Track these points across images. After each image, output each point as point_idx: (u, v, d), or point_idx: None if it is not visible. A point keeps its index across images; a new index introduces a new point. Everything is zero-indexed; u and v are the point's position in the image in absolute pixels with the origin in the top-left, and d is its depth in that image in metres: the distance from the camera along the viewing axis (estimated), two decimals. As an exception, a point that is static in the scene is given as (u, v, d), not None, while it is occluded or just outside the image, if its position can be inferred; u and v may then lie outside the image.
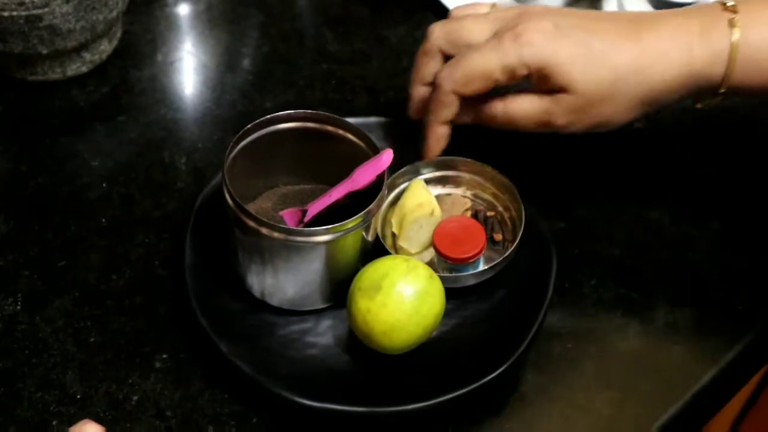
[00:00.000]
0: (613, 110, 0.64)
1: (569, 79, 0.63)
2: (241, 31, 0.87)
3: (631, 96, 0.64)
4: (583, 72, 0.63)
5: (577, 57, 0.63)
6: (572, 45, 0.63)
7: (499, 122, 0.66)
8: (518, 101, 0.65)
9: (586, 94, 0.63)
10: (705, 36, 0.63)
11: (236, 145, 0.64)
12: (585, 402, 0.64)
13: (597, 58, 0.63)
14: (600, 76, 0.63)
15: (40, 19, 0.73)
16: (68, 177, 0.74)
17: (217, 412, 0.62)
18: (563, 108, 0.64)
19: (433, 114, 0.67)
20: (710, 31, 0.63)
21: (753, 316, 0.68)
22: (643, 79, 0.63)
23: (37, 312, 0.66)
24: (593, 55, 0.63)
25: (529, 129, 0.66)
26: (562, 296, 0.68)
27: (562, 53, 0.63)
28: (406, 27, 0.87)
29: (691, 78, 0.63)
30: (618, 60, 0.63)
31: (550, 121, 0.65)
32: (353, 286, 0.62)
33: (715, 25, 0.63)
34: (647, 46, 0.63)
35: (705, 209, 0.74)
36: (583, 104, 0.64)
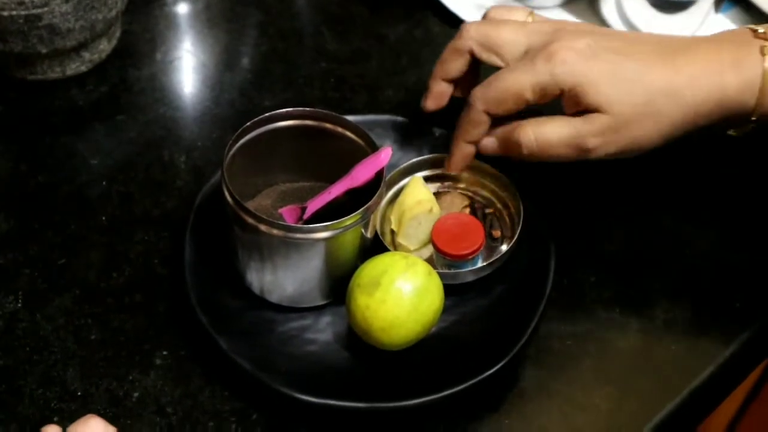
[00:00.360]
0: (644, 132, 0.64)
1: (602, 98, 0.63)
2: (240, 30, 0.87)
3: (663, 118, 0.63)
4: (616, 92, 0.63)
5: (611, 77, 0.63)
6: (605, 65, 0.63)
7: (531, 150, 0.65)
8: (548, 125, 0.64)
9: (618, 114, 0.63)
10: (737, 63, 0.62)
11: (235, 143, 0.64)
12: (584, 398, 0.64)
13: (630, 79, 0.63)
14: (633, 96, 0.63)
15: (40, 19, 0.73)
16: (68, 176, 0.74)
17: (217, 408, 0.62)
18: (595, 128, 0.63)
19: (464, 132, 0.67)
20: (742, 60, 0.62)
21: (750, 314, 0.68)
22: (676, 102, 0.63)
23: (37, 310, 0.66)
24: (626, 76, 0.63)
25: (560, 155, 0.65)
26: (561, 293, 0.68)
27: (595, 73, 0.63)
28: (405, 26, 0.87)
29: (723, 104, 0.63)
30: (651, 81, 0.63)
31: (580, 144, 0.64)
32: (352, 283, 0.62)
33: (746, 53, 0.62)
34: (680, 69, 0.63)
35: (704, 207, 0.74)
36: (615, 125, 0.63)
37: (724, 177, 0.76)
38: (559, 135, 0.64)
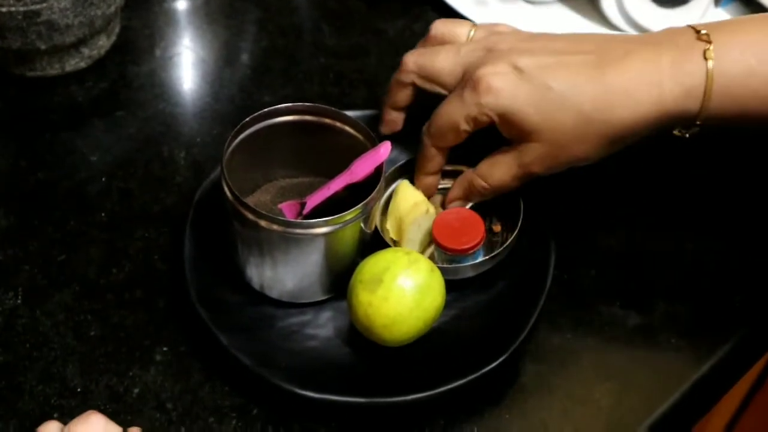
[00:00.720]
0: (583, 151, 0.63)
1: (531, 127, 0.62)
2: (239, 26, 0.87)
3: (598, 136, 0.62)
4: (544, 118, 0.61)
5: (538, 102, 0.61)
6: (531, 90, 0.61)
7: (490, 192, 0.66)
8: (495, 169, 0.65)
9: (550, 141, 0.62)
10: (677, 69, 0.60)
11: (235, 138, 0.64)
12: (584, 393, 0.64)
13: (557, 102, 0.61)
14: (562, 119, 0.61)
15: (38, 15, 0.73)
16: (67, 172, 0.74)
17: (217, 404, 0.62)
18: (534, 157, 0.63)
19: (421, 167, 0.68)
20: (683, 65, 0.60)
21: (750, 309, 0.68)
22: (609, 118, 0.61)
23: (37, 306, 0.66)
24: (553, 99, 0.61)
25: (517, 186, 0.66)
26: (561, 287, 0.68)
27: (521, 101, 0.62)
28: (404, 21, 0.87)
29: (663, 115, 0.61)
30: (581, 102, 0.61)
31: (529, 173, 0.64)
32: (354, 279, 0.62)
33: (688, 58, 0.60)
34: (611, 84, 0.61)
35: (704, 201, 0.74)
36: (551, 150, 0.63)
37: (724, 172, 0.76)
38: (506, 174, 0.65)
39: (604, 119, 0.61)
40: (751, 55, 0.60)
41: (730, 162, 0.77)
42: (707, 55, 0.60)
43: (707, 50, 0.60)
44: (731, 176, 0.76)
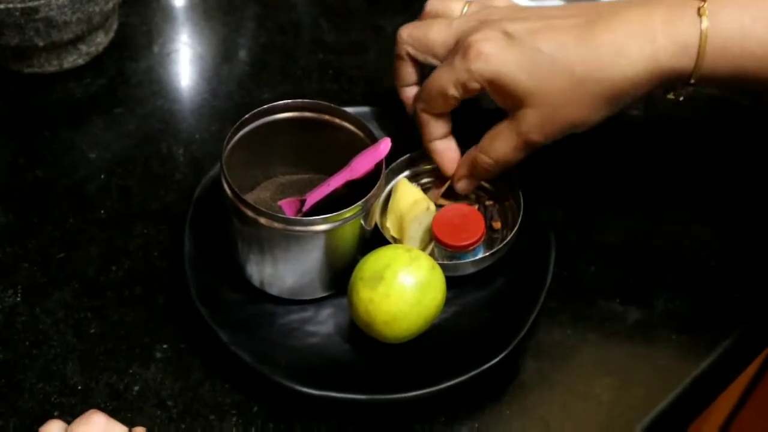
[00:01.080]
0: (578, 113, 0.62)
1: (523, 91, 0.62)
2: (237, 22, 0.87)
3: (592, 96, 0.61)
4: (536, 82, 0.61)
5: (529, 66, 0.61)
6: (522, 53, 0.61)
7: (496, 168, 0.66)
8: (495, 142, 0.65)
9: (544, 105, 0.62)
10: (670, 27, 0.59)
11: (234, 135, 0.64)
12: (584, 388, 0.64)
13: (548, 64, 0.61)
14: (554, 83, 0.61)
15: (36, 12, 0.73)
16: (66, 170, 0.74)
17: (218, 401, 0.62)
18: (531, 124, 0.63)
19: (423, 135, 0.68)
20: (676, 22, 0.59)
21: (750, 303, 0.68)
22: (603, 78, 0.60)
23: (37, 304, 0.66)
24: (544, 62, 0.61)
25: (520, 158, 0.65)
26: (561, 283, 0.68)
27: (512, 64, 0.61)
28: (403, 17, 0.86)
29: (657, 71, 0.60)
30: (571, 63, 0.60)
31: (528, 141, 0.64)
32: (354, 276, 0.62)
33: (681, 15, 0.60)
34: (602, 44, 0.60)
35: (702, 196, 0.74)
36: (547, 114, 0.62)
37: (722, 166, 0.76)
38: (506, 146, 0.64)
39: (596, 79, 0.61)
40: (745, 13, 0.59)
41: (729, 158, 0.77)
42: (701, 11, 0.59)
43: (701, 7, 0.59)
44: (730, 172, 0.76)
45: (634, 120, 0.79)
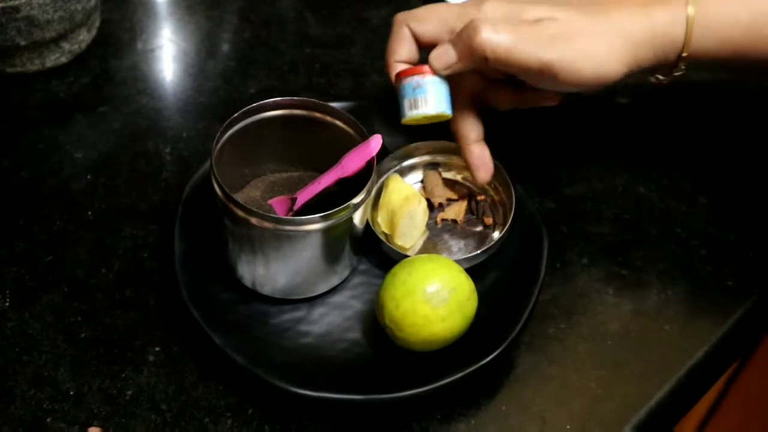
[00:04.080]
0: (596, 46, 0.62)
1: (548, 10, 0.63)
2: (221, 16, 0.86)
3: (611, 37, 0.63)
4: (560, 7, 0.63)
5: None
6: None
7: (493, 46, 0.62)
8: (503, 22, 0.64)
9: (568, 21, 0.62)
10: (662, 3, 0.64)
11: (223, 134, 0.63)
12: (579, 382, 0.64)
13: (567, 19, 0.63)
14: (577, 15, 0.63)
15: (17, 11, 0.72)
16: (52, 170, 0.73)
17: (212, 404, 0.61)
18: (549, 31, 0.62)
19: (390, 52, 0.67)
20: (668, 1, 0.64)
21: (743, 292, 0.69)
22: (616, 29, 0.63)
23: (25, 308, 0.65)
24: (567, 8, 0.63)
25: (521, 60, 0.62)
26: (554, 276, 0.68)
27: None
28: (388, 8, 0.86)
29: (656, 39, 0.63)
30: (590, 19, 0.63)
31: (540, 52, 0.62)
32: (415, 282, 0.60)
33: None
34: (610, 17, 0.63)
35: (692, 184, 0.74)
36: (568, 30, 0.62)
37: (712, 154, 0.76)
38: (514, 27, 0.62)
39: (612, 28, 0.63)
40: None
41: (719, 146, 0.77)
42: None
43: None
44: (720, 161, 0.76)
45: (622, 109, 0.79)
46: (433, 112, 0.64)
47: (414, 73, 0.64)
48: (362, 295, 0.66)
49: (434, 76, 0.64)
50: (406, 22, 0.66)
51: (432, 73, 0.64)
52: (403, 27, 0.66)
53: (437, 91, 0.64)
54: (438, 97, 0.64)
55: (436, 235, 0.69)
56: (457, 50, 0.63)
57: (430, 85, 0.63)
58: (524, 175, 0.70)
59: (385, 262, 0.66)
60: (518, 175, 0.69)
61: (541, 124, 0.72)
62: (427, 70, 0.64)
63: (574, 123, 0.76)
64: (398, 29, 0.66)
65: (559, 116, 0.70)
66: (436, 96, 0.64)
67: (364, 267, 0.67)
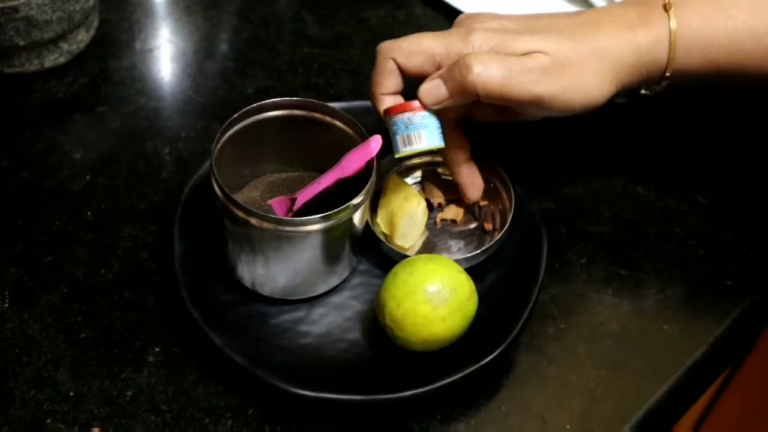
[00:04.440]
0: (585, 75, 0.63)
1: (536, 42, 0.63)
2: (219, 16, 0.86)
3: (598, 64, 0.64)
4: (547, 40, 0.63)
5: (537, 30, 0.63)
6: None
7: (484, 80, 0.62)
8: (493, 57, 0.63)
9: (557, 55, 0.63)
10: (644, 21, 0.65)
11: (223, 134, 0.63)
12: (579, 382, 0.64)
13: (557, 41, 0.64)
14: (564, 45, 0.63)
15: (16, 11, 0.72)
16: (51, 170, 0.73)
17: (212, 404, 0.61)
18: (538, 63, 0.62)
19: (375, 85, 0.66)
20: (648, 17, 0.65)
21: (741, 291, 0.69)
22: (603, 56, 0.64)
23: (25, 309, 0.65)
24: (554, 37, 0.64)
25: (513, 93, 0.62)
26: (553, 276, 0.68)
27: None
28: (387, 8, 0.86)
29: (641, 60, 0.65)
30: (578, 47, 0.64)
31: (530, 82, 0.62)
32: (416, 282, 0.60)
33: (651, 11, 0.65)
34: (594, 38, 0.64)
35: (690, 184, 0.75)
36: (557, 63, 0.63)
37: (709, 154, 0.77)
38: (505, 64, 0.62)
39: (601, 55, 0.64)
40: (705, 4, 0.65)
41: (713, 142, 0.77)
42: (667, 7, 0.65)
43: (667, 4, 0.65)
44: (716, 156, 0.76)
45: (619, 109, 0.79)
46: (427, 147, 0.63)
47: (405, 109, 0.63)
48: (362, 296, 0.66)
49: (424, 111, 0.63)
50: (391, 55, 0.65)
51: (422, 108, 0.63)
52: (388, 60, 0.65)
53: (429, 126, 0.63)
54: (431, 131, 0.63)
55: (436, 235, 0.69)
56: (448, 87, 0.63)
57: (422, 120, 0.63)
58: (523, 176, 0.70)
59: (385, 262, 0.66)
60: (517, 175, 0.69)
61: (539, 125, 0.72)
62: (417, 106, 0.63)
63: (573, 123, 0.76)
64: (383, 62, 0.65)
65: (558, 117, 0.70)
66: (429, 131, 0.63)
67: (363, 267, 0.68)
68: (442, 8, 0.85)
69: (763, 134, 0.78)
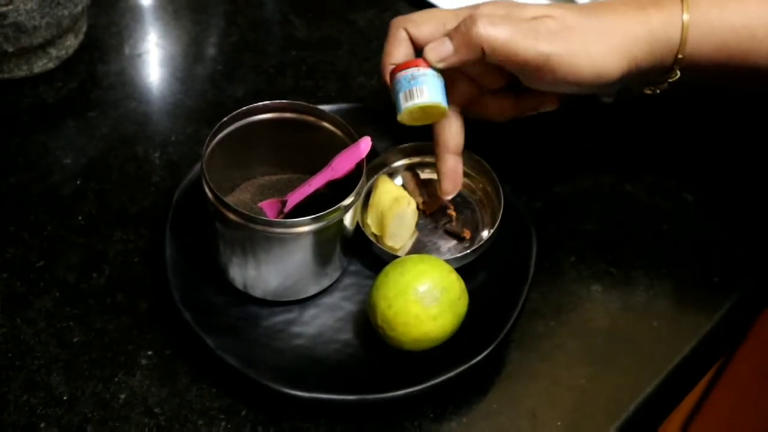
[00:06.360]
0: (594, 45, 0.63)
1: (545, 10, 0.63)
2: (208, 20, 0.86)
3: (608, 35, 0.63)
4: (557, 8, 0.63)
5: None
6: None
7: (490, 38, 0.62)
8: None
9: (566, 19, 0.63)
10: (656, 4, 0.64)
11: (213, 137, 0.64)
12: (569, 379, 0.64)
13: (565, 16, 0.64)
14: (574, 14, 0.63)
15: (5, 17, 0.72)
16: (41, 175, 0.73)
17: (205, 406, 0.62)
18: (547, 27, 0.62)
19: (386, 54, 0.66)
20: (662, 1, 0.64)
21: (729, 287, 0.69)
22: (614, 28, 0.64)
23: (17, 314, 0.65)
24: (563, 8, 0.64)
25: (519, 53, 0.62)
26: (543, 275, 0.69)
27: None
28: (375, 10, 0.87)
29: (653, 38, 0.64)
30: (588, 18, 0.64)
31: (537, 45, 0.62)
32: (407, 282, 0.60)
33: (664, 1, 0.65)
34: (607, 15, 0.64)
35: (677, 182, 0.75)
36: (566, 28, 0.63)
37: (696, 151, 0.77)
38: (512, 22, 0.62)
39: (611, 31, 0.63)
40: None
41: (704, 143, 0.78)
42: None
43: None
44: (705, 157, 0.77)
45: (606, 108, 0.79)
46: (429, 102, 0.63)
47: (409, 66, 0.63)
48: (353, 296, 0.66)
49: (429, 68, 0.63)
50: (403, 24, 0.66)
51: (427, 65, 0.63)
52: (399, 30, 0.66)
53: (433, 82, 0.63)
54: (433, 87, 0.63)
55: (426, 235, 0.69)
56: (454, 42, 0.63)
57: (425, 76, 0.63)
58: (512, 175, 0.70)
59: (375, 263, 0.67)
60: (507, 174, 0.70)
61: (528, 123, 0.72)
62: (422, 63, 0.63)
63: (561, 122, 0.76)
64: (395, 32, 0.66)
65: (546, 116, 0.70)
66: (432, 87, 0.63)
67: (354, 268, 0.68)
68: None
69: (750, 133, 0.79)
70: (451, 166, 0.67)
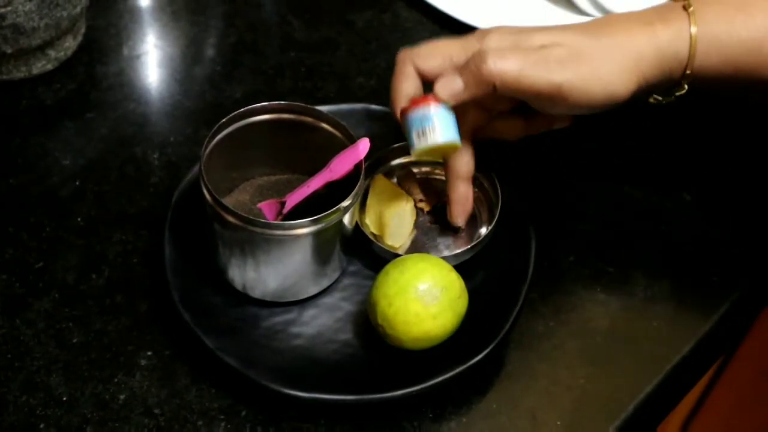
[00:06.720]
0: (604, 65, 0.63)
1: (552, 36, 0.63)
2: (206, 21, 0.86)
3: (617, 55, 0.63)
4: (563, 33, 0.63)
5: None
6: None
7: (502, 72, 0.62)
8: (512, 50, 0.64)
9: (574, 46, 0.63)
10: (663, 19, 0.64)
11: (212, 138, 0.64)
12: (569, 378, 0.64)
13: (573, 34, 0.64)
14: (581, 38, 0.63)
15: (3, 18, 0.72)
16: (40, 177, 0.73)
17: (205, 407, 0.62)
18: (556, 54, 0.62)
19: (395, 91, 0.66)
20: (667, 15, 0.64)
21: (728, 287, 0.69)
22: (622, 48, 0.63)
23: (16, 315, 0.65)
24: (570, 31, 0.64)
25: (533, 84, 0.62)
26: (542, 275, 0.68)
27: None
28: (373, 11, 0.87)
29: (661, 54, 0.64)
30: (596, 41, 0.63)
31: (549, 74, 0.62)
32: (408, 280, 0.60)
33: (670, 10, 0.64)
34: (613, 33, 0.64)
35: (676, 182, 0.75)
36: (575, 53, 0.62)
37: (694, 151, 0.77)
38: (521, 54, 0.62)
39: (620, 47, 0.63)
40: (725, 4, 0.64)
41: (703, 143, 0.78)
42: (687, 6, 0.64)
43: (686, 4, 0.64)
44: (701, 153, 0.77)
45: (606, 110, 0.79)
46: (442, 141, 0.63)
47: (419, 103, 0.63)
48: (352, 297, 0.66)
49: (440, 106, 0.63)
50: (410, 59, 0.66)
51: (437, 102, 0.63)
52: (407, 65, 0.65)
53: (444, 120, 0.63)
54: (446, 125, 0.63)
55: (424, 233, 0.69)
56: (464, 79, 0.63)
57: (436, 115, 0.62)
58: (512, 175, 0.70)
59: (374, 262, 0.67)
60: (506, 174, 0.70)
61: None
62: (432, 100, 0.63)
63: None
64: (402, 67, 0.66)
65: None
66: (444, 125, 0.63)
67: (353, 268, 0.68)
68: (428, 11, 0.86)
69: (748, 133, 0.79)
70: (462, 193, 0.67)
